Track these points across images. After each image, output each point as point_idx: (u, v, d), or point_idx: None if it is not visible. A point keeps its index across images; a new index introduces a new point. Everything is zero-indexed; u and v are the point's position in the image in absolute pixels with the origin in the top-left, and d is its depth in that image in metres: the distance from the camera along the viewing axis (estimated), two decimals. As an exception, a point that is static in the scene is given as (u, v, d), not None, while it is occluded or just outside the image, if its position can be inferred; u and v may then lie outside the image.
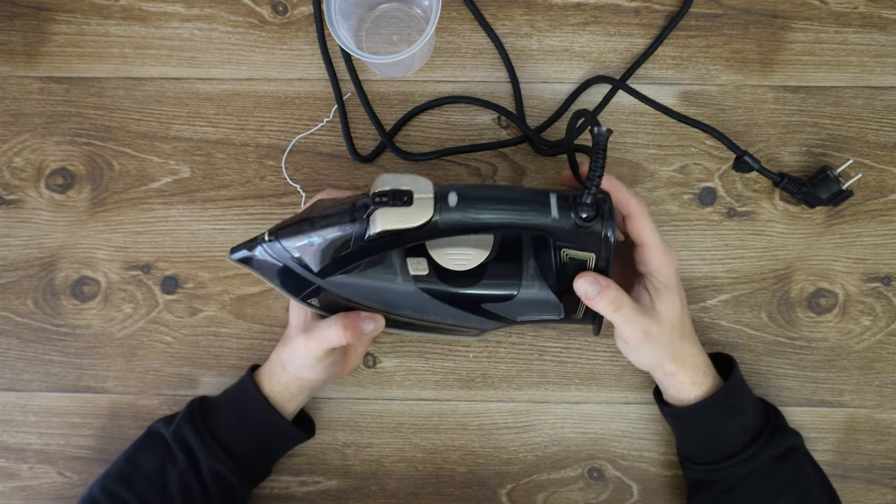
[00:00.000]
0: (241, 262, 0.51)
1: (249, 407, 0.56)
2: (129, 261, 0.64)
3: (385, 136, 0.63)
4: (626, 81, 0.63)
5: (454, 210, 0.47)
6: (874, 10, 0.64)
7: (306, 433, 0.59)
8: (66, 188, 0.64)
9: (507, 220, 0.48)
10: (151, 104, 0.65)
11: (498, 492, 0.63)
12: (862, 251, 0.63)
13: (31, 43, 0.65)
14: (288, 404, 0.57)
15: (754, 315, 0.63)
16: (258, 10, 0.65)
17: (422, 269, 0.51)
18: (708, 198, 0.63)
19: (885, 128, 0.63)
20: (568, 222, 0.47)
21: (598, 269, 0.50)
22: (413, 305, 0.52)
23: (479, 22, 0.64)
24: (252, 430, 0.56)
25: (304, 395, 0.57)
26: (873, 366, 0.62)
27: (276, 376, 0.56)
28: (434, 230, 0.47)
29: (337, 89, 0.64)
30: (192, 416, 0.56)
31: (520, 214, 0.48)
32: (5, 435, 0.63)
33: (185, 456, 0.54)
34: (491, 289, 0.52)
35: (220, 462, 0.54)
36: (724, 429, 0.55)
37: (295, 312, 0.55)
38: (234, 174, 0.64)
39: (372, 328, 0.52)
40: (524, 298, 0.52)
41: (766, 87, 0.64)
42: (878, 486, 0.62)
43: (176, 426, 0.55)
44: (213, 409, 0.57)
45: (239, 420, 0.56)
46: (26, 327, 0.64)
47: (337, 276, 0.50)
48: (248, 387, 0.56)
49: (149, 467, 0.55)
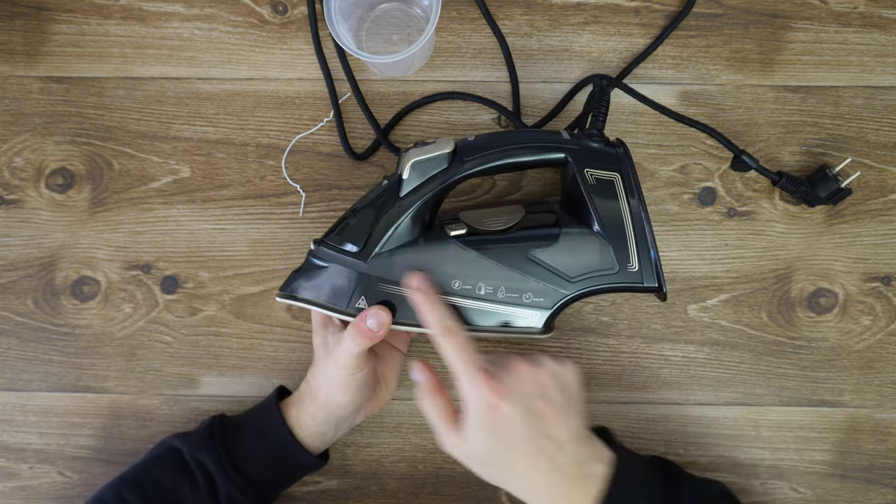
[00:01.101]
0: (287, 298, 0.53)
1: (274, 438, 0.55)
2: (129, 261, 0.64)
3: (380, 132, 0.63)
4: (622, 80, 0.63)
5: (474, 142, 0.53)
6: (874, 10, 0.64)
7: (323, 461, 0.58)
8: (66, 188, 0.64)
9: (524, 140, 0.53)
10: (151, 104, 0.65)
11: (498, 491, 0.63)
12: (862, 251, 0.63)
13: (31, 43, 0.65)
14: (314, 434, 0.56)
15: (754, 315, 0.63)
16: (258, 10, 0.65)
17: (460, 229, 0.53)
18: (708, 198, 0.63)
19: (885, 128, 0.63)
20: (581, 143, 0.52)
21: (626, 187, 0.52)
22: (459, 269, 0.52)
23: (486, 18, 0.64)
24: (274, 459, 0.55)
25: (331, 427, 0.56)
26: (873, 366, 0.62)
27: (304, 405, 0.56)
28: (460, 165, 0.52)
29: (331, 86, 0.64)
30: (213, 440, 0.55)
31: (536, 137, 0.53)
32: (5, 435, 0.63)
33: (204, 479, 0.54)
34: (532, 231, 0.53)
35: (238, 489, 0.54)
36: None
37: (317, 336, 0.55)
38: (234, 174, 0.64)
39: (374, 323, 0.51)
40: (568, 240, 0.52)
41: (766, 87, 0.64)
42: (878, 486, 0.62)
43: (196, 448, 0.55)
44: (235, 434, 0.56)
45: (262, 450, 0.55)
46: (26, 327, 0.64)
47: (380, 256, 0.51)
48: (273, 415, 0.56)
49: (165, 482, 0.54)
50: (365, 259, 0.51)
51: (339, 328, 0.55)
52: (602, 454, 0.50)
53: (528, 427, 0.47)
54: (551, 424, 0.48)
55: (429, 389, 0.50)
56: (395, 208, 0.52)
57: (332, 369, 0.53)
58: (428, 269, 0.52)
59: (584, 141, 0.53)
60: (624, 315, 0.63)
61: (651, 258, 0.52)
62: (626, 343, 0.63)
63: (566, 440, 0.48)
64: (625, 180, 0.51)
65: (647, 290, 0.52)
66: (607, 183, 0.51)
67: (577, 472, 0.48)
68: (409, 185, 0.52)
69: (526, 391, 0.48)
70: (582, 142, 0.53)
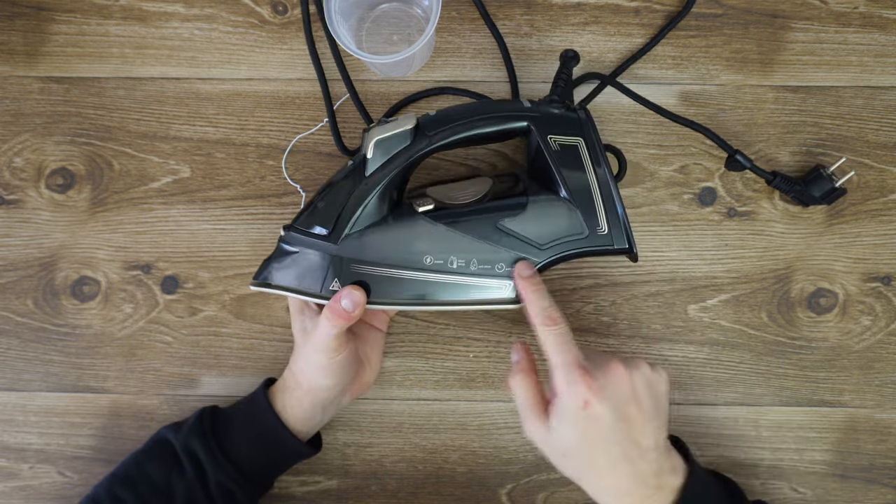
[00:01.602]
0: (261, 286, 0.53)
1: (262, 424, 0.56)
2: (129, 261, 0.64)
3: None
4: (616, 78, 0.63)
5: (436, 115, 0.53)
6: (874, 10, 0.64)
7: (315, 449, 0.59)
8: (66, 188, 0.64)
9: (487, 114, 0.52)
10: (151, 104, 0.65)
11: (498, 492, 0.63)
12: (862, 251, 0.63)
13: (31, 43, 0.65)
14: (301, 420, 0.56)
15: (754, 315, 0.63)
16: (258, 10, 0.65)
17: (427, 205, 0.53)
18: (708, 198, 0.63)
19: (885, 128, 0.63)
20: (542, 109, 0.52)
21: (590, 151, 0.52)
22: (430, 245, 0.52)
23: (485, 19, 0.64)
24: (262, 446, 0.56)
25: (317, 411, 0.56)
26: (873, 366, 0.62)
27: (289, 391, 0.56)
28: (424, 140, 0.52)
29: (323, 83, 0.64)
30: (203, 429, 0.55)
31: (498, 108, 0.53)
32: (5, 435, 0.63)
33: (193, 468, 0.54)
34: (500, 202, 0.53)
35: (228, 477, 0.54)
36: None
37: (295, 321, 0.55)
38: (234, 174, 0.64)
39: (348, 304, 0.51)
40: (536, 208, 0.52)
41: (766, 87, 0.64)
42: (878, 485, 0.62)
43: (186, 437, 0.55)
44: (224, 422, 0.56)
45: (250, 437, 0.56)
46: (26, 327, 0.64)
47: (350, 237, 0.51)
48: (261, 402, 0.56)
49: (156, 475, 0.54)
50: (335, 241, 0.51)
51: (315, 312, 0.55)
52: (678, 465, 0.50)
53: (616, 430, 0.47)
54: (638, 430, 0.48)
55: (523, 370, 0.50)
56: (362, 187, 0.52)
57: (312, 353, 0.53)
58: (398, 246, 0.52)
59: (544, 107, 0.53)
60: (624, 315, 0.63)
61: (620, 219, 0.52)
62: (626, 343, 0.63)
63: (650, 448, 0.48)
64: (588, 144, 0.51)
65: (618, 251, 0.53)
66: (571, 148, 0.51)
67: (654, 482, 0.48)
68: (374, 164, 0.52)
69: (620, 393, 0.47)
70: (542, 108, 0.53)
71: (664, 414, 0.50)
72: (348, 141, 0.64)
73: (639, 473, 0.48)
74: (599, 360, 0.49)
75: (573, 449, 0.48)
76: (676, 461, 0.50)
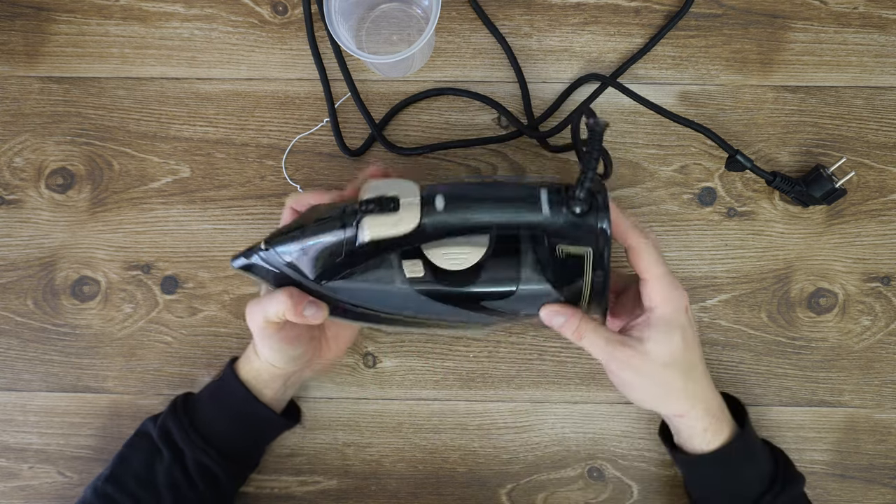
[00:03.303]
0: (242, 270, 0.51)
1: (230, 396, 0.56)
2: (129, 261, 0.64)
3: (375, 127, 0.63)
4: (617, 79, 0.63)
5: (442, 213, 0.47)
6: (874, 10, 0.64)
7: (290, 421, 0.59)
8: (66, 188, 0.64)
9: (496, 220, 0.48)
10: (151, 104, 0.65)
11: (498, 492, 0.63)
12: (862, 251, 0.63)
13: (31, 43, 0.65)
14: (264, 391, 0.56)
15: (754, 315, 0.63)
16: (258, 10, 0.65)
17: (417, 272, 0.50)
18: (708, 198, 0.63)
19: (885, 128, 0.63)
20: (560, 218, 0.46)
21: (594, 264, 0.49)
22: (412, 307, 0.52)
23: (486, 24, 0.64)
24: (233, 419, 0.56)
25: (277, 383, 0.56)
26: (873, 366, 0.62)
27: (249, 363, 0.56)
28: (423, 235, 0.47)
29: (325, 83, 0.64)
30: (176, 412, 0.56)
31: (510, 213, 0.47)
32: (5, 435, 0.63)
33: (170, 451, 0.54)
34: (489, 286, 0.51)
35: (204, 454, 0.54)
36: (740, 479, 0.53)
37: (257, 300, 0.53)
38: (234, 174, 0.64)
39: (312, 313, 0.49)
40: (524, 294, 0.51)
41: (765, 87, 0.64)
42: (877, 485, 0.62)
43: (161, 422, 0.56)
44: (197, 403, 0.57)
45: (220, 410, 0.56)
46: (26, 327, 0.64)
47: (334, 281, 0.50)
48: (228, 377, 0.57)
49: (137, 465, 0.55)
50: (318, 282, 0.50)
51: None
52: None
53: (697, 336, 0.52)
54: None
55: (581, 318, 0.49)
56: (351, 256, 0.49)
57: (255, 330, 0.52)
58: (382, 302, 0.51)
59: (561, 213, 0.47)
60: (624, 315, 0.63)
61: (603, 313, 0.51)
62: (626, 343, 0.63)
63: None
64: (596, 255, 0.48)
65: None
66: (576, 258, 0.48)
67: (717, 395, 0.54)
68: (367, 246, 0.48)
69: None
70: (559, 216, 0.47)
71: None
72: (349, 141, 0.64)
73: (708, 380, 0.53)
74: None
75: (677, 353, 0.50)
76: None
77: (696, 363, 0.51)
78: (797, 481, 0.55)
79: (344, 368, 0.63)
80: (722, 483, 0.54)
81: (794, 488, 0.54)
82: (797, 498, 0.54)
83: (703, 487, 0.57)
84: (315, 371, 0.60)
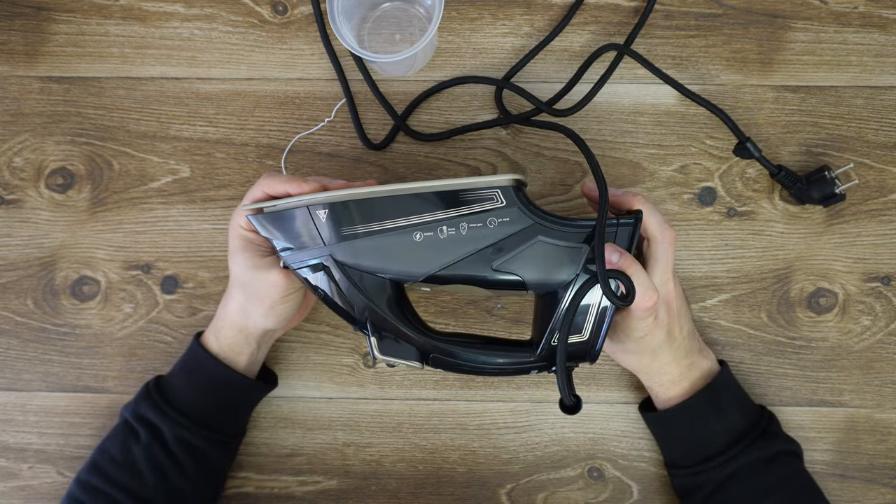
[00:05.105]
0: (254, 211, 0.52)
1: (200, 368, 0.56)
2: (129, 261, 0.64)
3: (397, 118, 0.63)
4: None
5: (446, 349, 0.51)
6: (874, 10, 0.64)
7: (266, 384, 0.60)
8: (66, 188, 0.64)
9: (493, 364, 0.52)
10: (151, 104, 0.65)
11: (498, 492, 0.63)
12: (862, 251, 0.63)
13: (31, 43, 0.65)
14: (238, 359, 0.56)
15: (754, 315, 0.63)
16: (258, 9, 0.65)
17: None
18: (708, 198, 0.63)
19: (885, 128, 0.63)
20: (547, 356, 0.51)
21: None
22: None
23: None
24: (207, 389, 0.56)
25: (251, 346, 0.56)
26: (873, 366, 0.62)
27: (222, 332, 0.56)
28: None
29: (344, 81, 0.64)
30: (149, 392, 0.56)
31: (508, 362, 0.52)
32: (5, 435, 0.63)
33: (147, 431, 0.55)
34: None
35: (184, 429, 0.55)
36: (705, 430, 0.55)
37: (238, 258, 0.53)
38: (234, 174, 0.64)
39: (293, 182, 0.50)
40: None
41: (766, 87, 0.64)
42: (877, 485, 0.62)
43: (134, 406, 0.56)
44: (168, 382, 0.58)
45: (192, 383, 0.57)
46: (26, 327, 0.64)
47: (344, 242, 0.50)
48: (195, 350, 0.57)
49: (115, 451, 0.55)
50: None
51: (266, 252, 0.53)
52: (704, 349, 0.58)
53: (681, 293, 0.57)
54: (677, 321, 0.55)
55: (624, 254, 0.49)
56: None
57: (262, 293, 0.52)
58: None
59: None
60: (624, 315, 0.63)
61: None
62: (626, 343, 0.63)
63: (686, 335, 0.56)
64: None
65: None
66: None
67: (687, 361, 0.56)
68: None
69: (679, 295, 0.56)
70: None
71: (687, 307, 0.58)
72: (349, 141, 0.64)
73: (696, 335, 0.58)
74: None
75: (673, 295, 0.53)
76: (703, 347, 0.58)
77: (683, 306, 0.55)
78: (774, 440, 0.55)
79: (344, 368, 0.63)
80: (688, 436, 0.56)
81: (768, 445, 0.54)
82: (774, 456, 0.54)
83: (672, 444, 0.58)
84: (287, 329, 0.61)
